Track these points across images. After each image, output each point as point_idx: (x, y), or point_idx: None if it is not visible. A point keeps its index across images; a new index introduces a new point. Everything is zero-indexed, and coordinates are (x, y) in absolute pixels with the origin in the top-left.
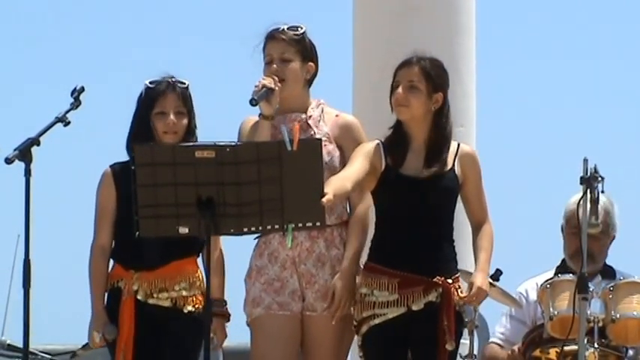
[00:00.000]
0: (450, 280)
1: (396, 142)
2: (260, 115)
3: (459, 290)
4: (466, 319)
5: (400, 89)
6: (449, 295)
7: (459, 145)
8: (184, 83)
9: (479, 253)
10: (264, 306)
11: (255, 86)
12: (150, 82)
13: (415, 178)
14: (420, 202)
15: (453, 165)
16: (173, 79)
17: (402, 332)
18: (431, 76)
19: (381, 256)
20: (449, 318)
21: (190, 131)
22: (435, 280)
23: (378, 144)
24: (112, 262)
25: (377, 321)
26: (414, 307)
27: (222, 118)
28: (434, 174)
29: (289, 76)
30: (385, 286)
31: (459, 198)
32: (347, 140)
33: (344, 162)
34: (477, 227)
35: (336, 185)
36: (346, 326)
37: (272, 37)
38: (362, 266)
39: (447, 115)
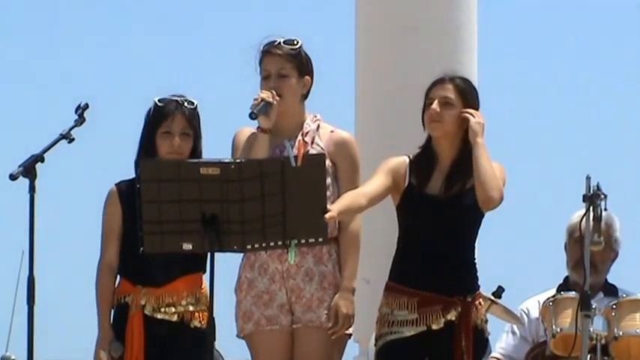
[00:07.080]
0: (469, 299)
1: (424, 161)
2: (258, 128)
3: (479, 308)
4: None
5: (435, 105)
6: (468, 314)
7: None
8: (193, 103)
9: None
10: (253, 322)
11: (254, 99)
12: (159, 101)
13: (438, 198)
14: (442, 222)
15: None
16: (182, 99)
17: (420, 351)
18: (465, 94)
19: (402, 276)
20: (467, 337)
21: (195, 154)
22: (454, 299)
23: (404, 160)
24: (118, 278)
25: (393, 337)
26: (434, 327)
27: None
28: (456, 193)
29: (287, 91)
30: (405, 305)
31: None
32: (341, 156)
33: (337, 178)
34: None
35: (346, 201)
36: (336, 339)
37: (269, 51)
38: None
39: None
